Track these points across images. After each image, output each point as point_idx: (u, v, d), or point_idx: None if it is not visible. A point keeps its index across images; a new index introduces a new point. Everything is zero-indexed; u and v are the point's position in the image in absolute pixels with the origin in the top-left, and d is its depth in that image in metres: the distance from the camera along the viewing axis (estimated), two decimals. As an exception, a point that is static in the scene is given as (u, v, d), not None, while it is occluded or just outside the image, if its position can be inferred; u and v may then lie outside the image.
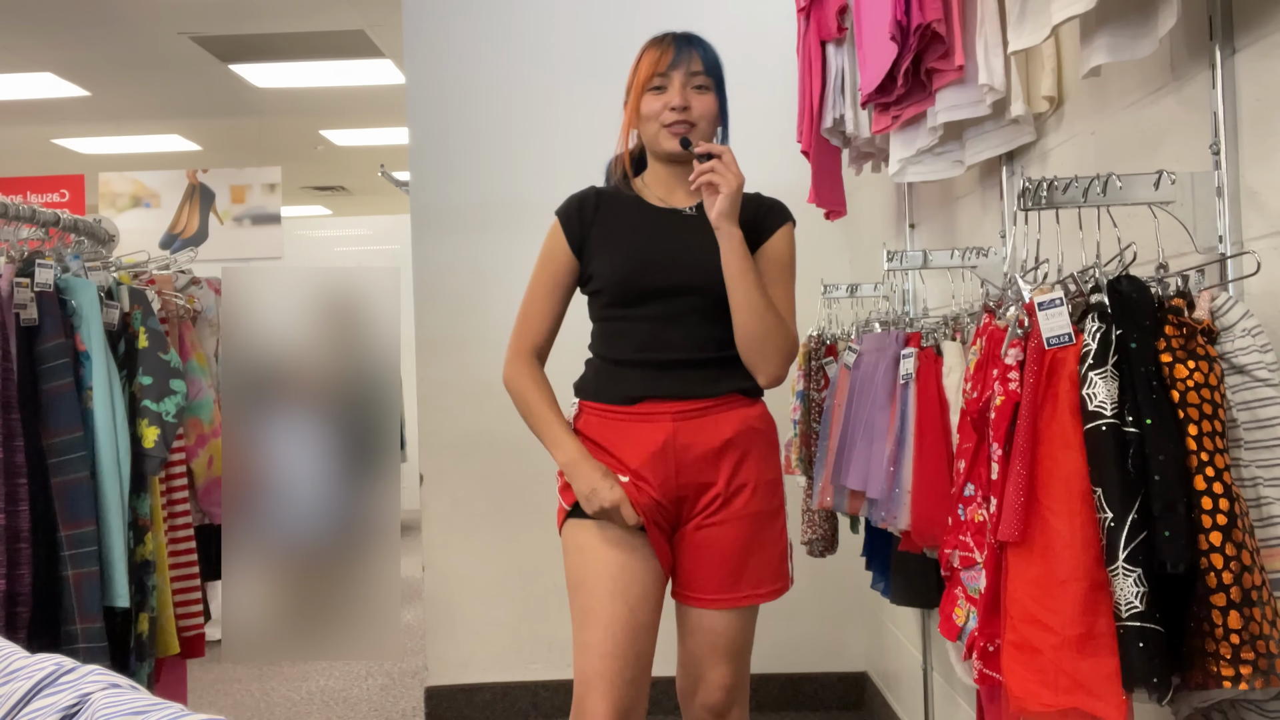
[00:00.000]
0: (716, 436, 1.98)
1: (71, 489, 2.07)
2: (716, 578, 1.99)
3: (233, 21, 5.72)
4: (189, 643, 2.44)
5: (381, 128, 8.12)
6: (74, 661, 0.69)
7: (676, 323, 2.00)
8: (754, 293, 1.95)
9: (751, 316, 1.95)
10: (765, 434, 2.05)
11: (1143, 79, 1.63)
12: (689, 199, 2.08)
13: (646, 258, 2.02)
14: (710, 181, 1.92)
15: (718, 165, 1.93)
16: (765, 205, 2.10)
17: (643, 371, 2.00)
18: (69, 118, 7.55)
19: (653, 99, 2.03)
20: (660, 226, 2.06)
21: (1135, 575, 1.19)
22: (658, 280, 2.00)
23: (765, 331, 1.96)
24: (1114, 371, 1.25)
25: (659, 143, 2.04)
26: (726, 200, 1.92)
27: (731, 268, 1.95)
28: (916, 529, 1.97)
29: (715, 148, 1.96)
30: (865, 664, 3.73)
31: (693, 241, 2.02)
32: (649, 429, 1.98)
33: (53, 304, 2.10)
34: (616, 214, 2.08)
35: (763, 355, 1.97)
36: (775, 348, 1.98)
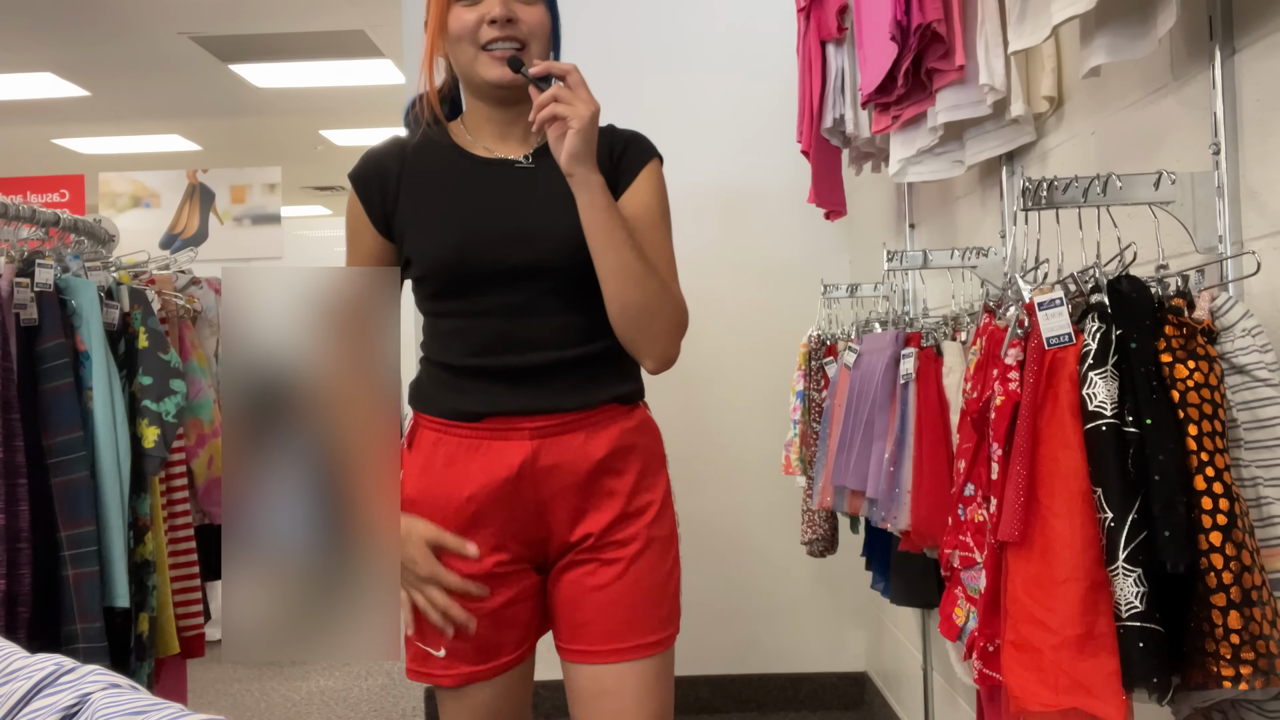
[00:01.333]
0: (588, 456, 1.54)
1: (71, 489, 2.07)
2: (609, 622, 1.54)
3: (233, 21, 5.72)
4: (189, 643, 2.44)
5: (381, 128, 8.11)
6: (74, 661, 0.69)
7: (528, 313, 1.53)
8: (627, 254, 1.48)
9: (628, 285, 1.48)
10: (649, 447, 1.61)
11: (1143, 79, 1.63)
12: (524, 145, 1.60)
13: (474, 230, 1.52)
14: (555, 114, 1.44)
15: (562, 92, 1.44)
16: (621, 141, 1.61)
17: (488, 383, 1.54)
18: (69, 118, 7.55)
19: (463, 11, 1.52)
20: (490, 185, 1.56)
21: (1135, 575, 1.19)
22: (493, 259, 1.51)
23: (647, 302, 1.50)
24: (1114, 371, 1.25)
25: (477, 70, 1.53)
26: (578, 137, 1.43)
27: (596, 226, 1.47)
28: (916, 529, 1.97)
29: (558, 66, 1.47)
30: (865, 664, 3.73)
31: (535, 202, 1.54)
32: (499, 449, 1.52)
33: (53, 304, 2.10)
34: (429, 173, 1.58)
35: (648, 334, 1.52)
36: (664, 321, 1.52)
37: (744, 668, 3.73)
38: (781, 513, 3.61)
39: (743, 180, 3.72)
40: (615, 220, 1.48)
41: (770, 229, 3.73)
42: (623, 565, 1.55)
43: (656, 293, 1.51)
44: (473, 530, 1.54)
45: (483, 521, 1.54)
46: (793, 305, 3.57)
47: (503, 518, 1.54)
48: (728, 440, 3.70)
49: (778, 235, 3.72)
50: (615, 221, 1.48)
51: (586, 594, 1.56)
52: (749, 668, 3.73)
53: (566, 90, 1.45)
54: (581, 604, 1.56)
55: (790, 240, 3.71)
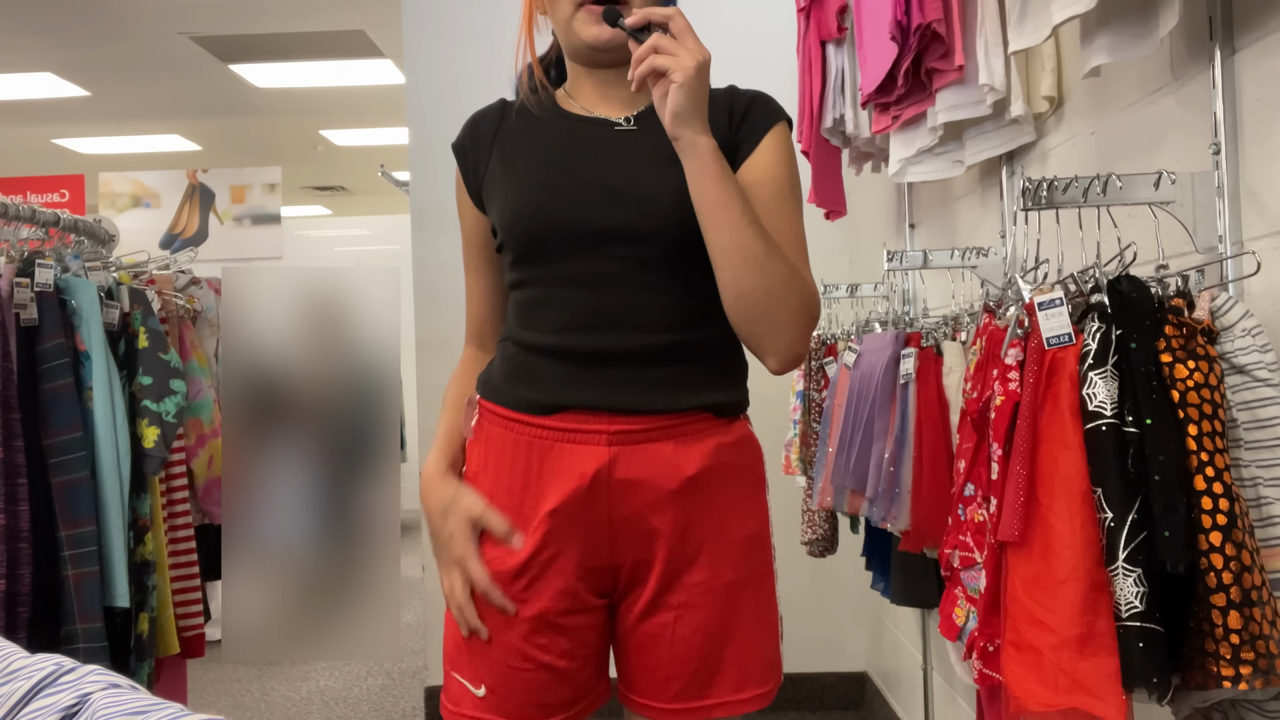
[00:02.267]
0: (675, 473, 1.31)
1: (71, 489, 2.07)
2: (677, 679, 1.32)
3: (233, 21, 5.72)
4: (189, 643, 2.44)
5: (381, 128, 8.12)
6: (74, 661, 0.69)
7: (616, 287, 1.31)
8: (745, 232, 1.24)
9: (746, 269, 1.25)
10: (748, 469, 1.39)
11: (1143, 79, 1.63)
12: (629, 107, 1.40)
13: (561, 187, 1.32)
14: (655, 67, 1.23)
15: (663, 41, 1.23)
16: (743, 101, 1.40)
17: (565, 366, 1.31)
18: (69, 118, 7.55)
19: None
20: (584, 144, 1.36)
21: (1135, 575, 1.19)
22: (575, 220, 1.30)
23: (770, 288, 1.26)
24: (1114, 371, 1.25)
25: (575, 29, 1.35)
26: (682, 92, 1.22)
27: (707, 198, 1.25)
28: (916, 529, 1.97)
29: (658, 12, 1.26)
30: (865, 664, 3.73)
31: (634, 162, 1.34)
32: (572, 454, 1.30)
33: (53, 304, 2.10)
34: (522, 134, 1.40)
35: (771, 325, 1.27)
36: (789, 311, 1.27)
37: (744, 668, 3.73)
38: (781, 513, 3.60)
39: (743, 180, 3.72)
40: (731, 192, 1.25)
41: (770, 229, 3.72)
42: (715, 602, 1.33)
43: (782, 278, 1.26)
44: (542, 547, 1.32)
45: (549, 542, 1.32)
46: (793, 305, 3.56)
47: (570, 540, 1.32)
48: (728, 440, 3.70)
49: (778, 235, 3.72)
50: (731, 194, 1.25)
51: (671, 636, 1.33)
52: (749, 668, 3.73)
53: (669, 39, 1.24)
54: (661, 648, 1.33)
55: (790, 240, 3.71)
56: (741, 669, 1.34)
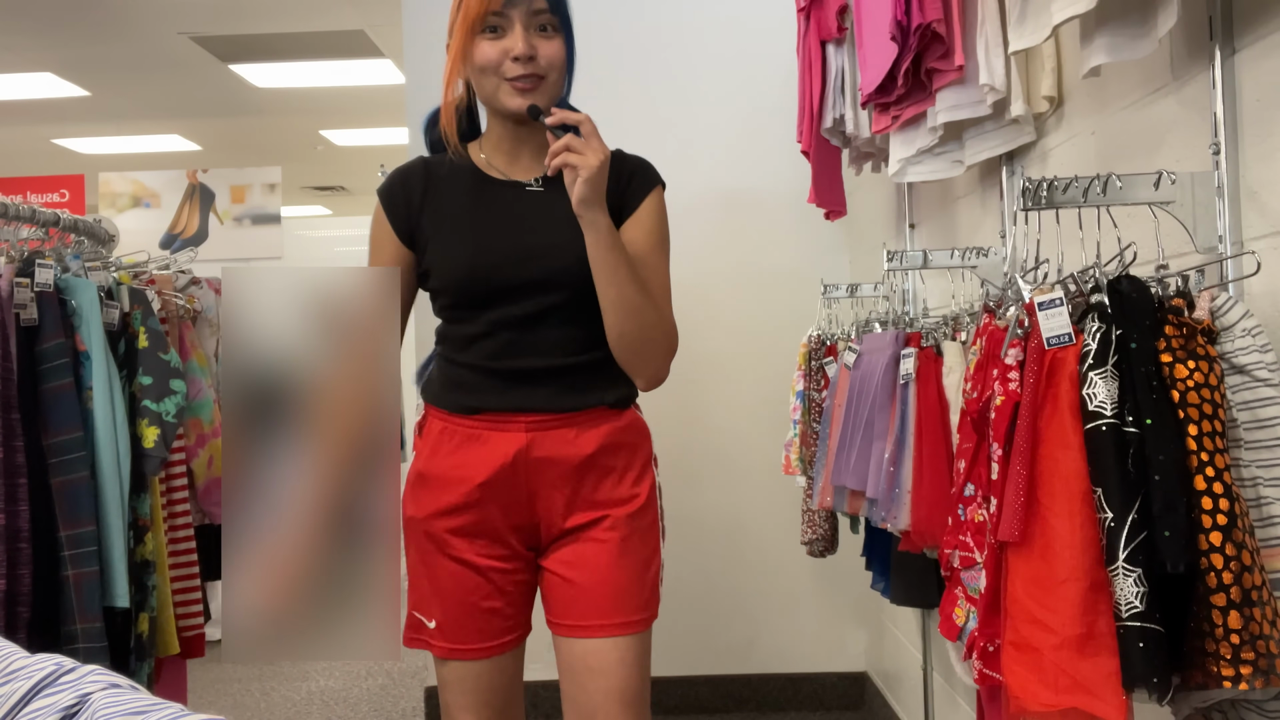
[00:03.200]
0: (578, 451, 1.70)
1: (71, 489, 2.07)
2: (596, 600, 1.70)
3: (233, 21, 5.73)
4: (189, 643, 2.44)
5: (381, 128, 8.12)
6: (74, 661, 0.69)
7: (534, 325, 1.69)
8: (628, 289, 1.65)
9: (627, 317, 1.66)
10: (636, 445, 1.76)
11: (1143, 79, 1.63)
12: (535, 164, 1.76)
13: (491, 249, 1.69)
14: (567, 163, 1.59)
15: (574, 142, 1.59)
16: (628, 169, 1.75)
17: (491, 381, 1.70)
18: (69, 118, 7.56)
19: (488, 45, 1.66)
20: (504, 208, 1.72)
21: (1135, 575, 1.19)
22: (507, 277, 1.68)
23: (642, 332, 1.67)
24: (1114, 371, 1.25)
25: (500, 100, 1.68)
26: (588, 186, 1.59)
27: (601, 263, 1.63)
28: (916, 529, 1.97)
29: (572, 116, 1.62)
30: (865, 664, 3.73)
31: (545, 226, 1.70)
32: (498, 439, 1.69)
33: (53, 304, 2.10)
34: (451, 193, 1.74)
35: (642, 358, 1.70)
36: (656, 348, 1.70)
37: (744, 668, 3.73)
38: (781, 513, 3.61)
39: (743, 180, 3.73)
40: (619, 258, 1.64)
41: (770, 229, 3.73)
42: (610, 548, 1.71)
43: (652, 324, 1.69)
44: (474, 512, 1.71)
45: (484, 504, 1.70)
46: (793, 305, 3.57)
47: (500, 504, 1.70)
48: (728, 440, 3.70)
49: (778, 235, 3.72)
50: (619, 259, 1.64)
51: (577, 573, 1.71)
52: (749, 668, 3.73)
53: (579, 140, 1.59)
54: (572, 582, 1.71)
55: (790, 240, 3.71)
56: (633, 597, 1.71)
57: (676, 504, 3.72)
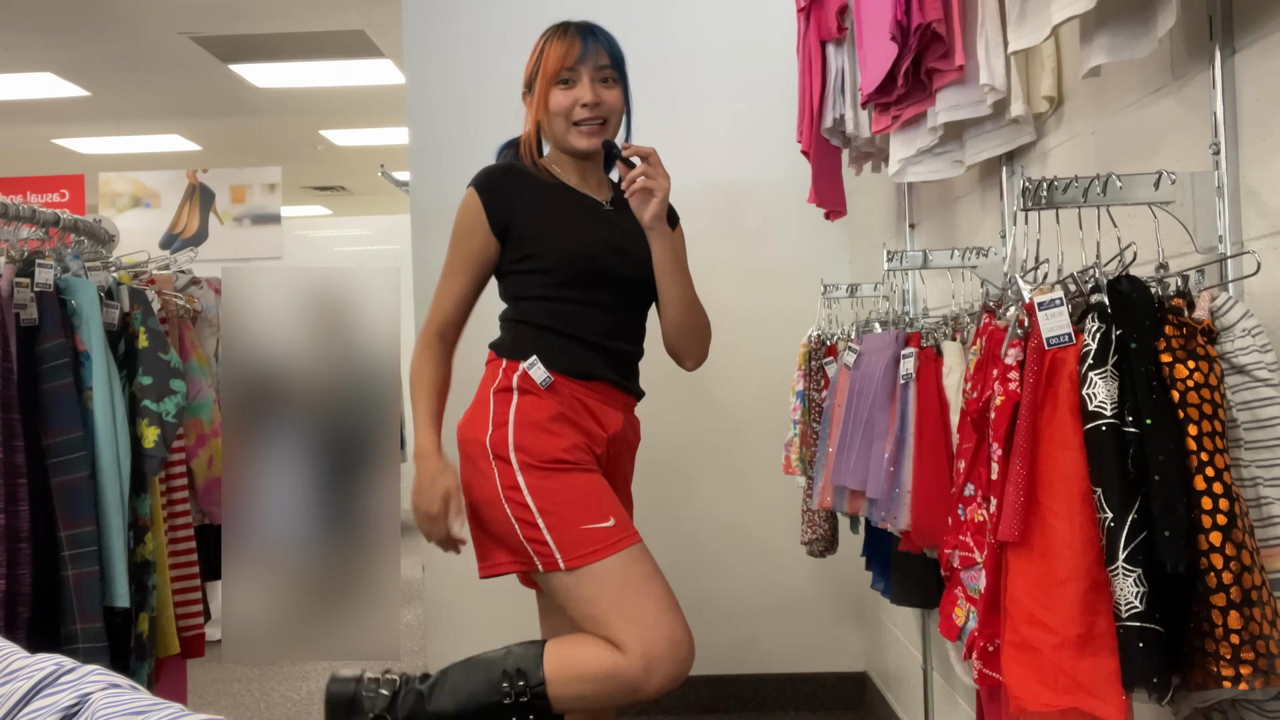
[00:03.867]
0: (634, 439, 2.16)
1: (71, 489, 2.07)
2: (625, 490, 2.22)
3: (233, 21, 5.73)
4: (189, 643, 2.44)
5: (381, 128, 8.12)
6: (74, 661, 0.69)
7: (619, 312, 2.07)
8: (688, 286, 2.10)
9: (689, 310, 2.10)
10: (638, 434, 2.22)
11: (1143, 79, 1.63)
12: (601, 187, 2.15)
13: (602, 241, 2.05)
14: (645, 188, 1.99)
15: (649, 169, 1.99)
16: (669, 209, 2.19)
17: (602, 355, 2.04)
18: (69, 118, 7.56)
19: (561, 94, 2.03)
20: (597, 214, 2.10)
21: (1135, 575, 1.19)
22: (614, 266, 2.04)
23: (697, 321, 2.12)
24: (1114, 371, 1.25)
25: (569, 140, 2.06)
26: (662, 205, 2.01)
27: (668, 265, 2.06)
28: (916, 529, 1.97)
29: (643, 149, 2.01)
30: (865, 664, 3.73)
31: (626, 233, 2.08)
32: (610, 413, 2.06)
33: (53, 304, 2.10)
34: (546, 194, 2.08)
35: (698, 342, 2.14)
36: (706, 334, 2.17)
37: (744, 668, 3.73)
38: (781, 513, 3.61)
39: (743, 180, 3.72)
40: (682, 263, 2.10)
41: (770, 229, 3.73)
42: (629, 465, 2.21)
43: (703, 313, 2.15)
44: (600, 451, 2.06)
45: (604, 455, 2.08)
46: (793, 305, 3.57)
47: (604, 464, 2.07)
48: (728, 440, 3.70)
49: (778, 235, 3.72)
50: (682, 264, 2.10)
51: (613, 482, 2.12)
52: (749, 668, 3.73)
53: (650, 168, 2.00)
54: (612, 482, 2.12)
55: (790, 240, 3.71)
56: None
57: (677, 504, 3.73)
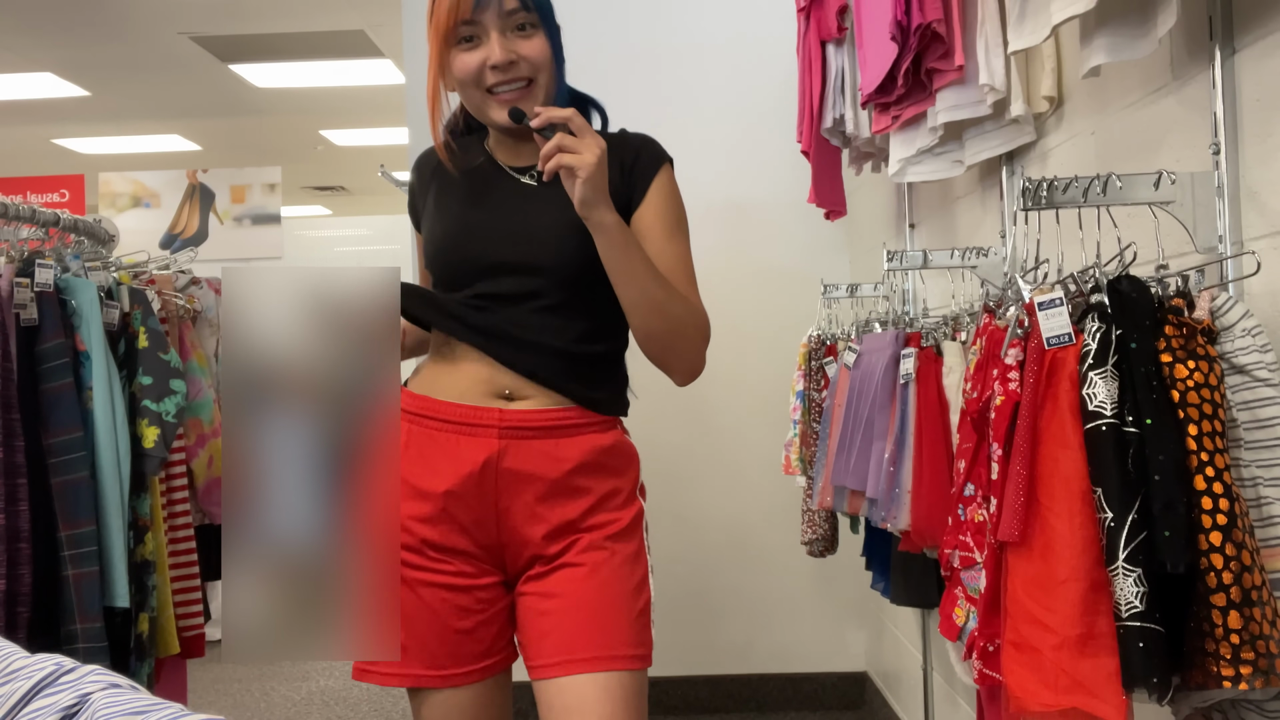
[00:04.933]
0: (558, 465, 1.53)
1: (71, 489, 2.07)
2: (576, 634, 1.48)
3: (233, 21, 5.72)
4: (189, 643, 2.44)
5: (381, 128, 8.12)
6: (74, 661, 0.69)
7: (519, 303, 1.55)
8: (648, 285, 1.51)
9: (651, 315, 1.52)
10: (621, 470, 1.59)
11: (1143, 79, 1.63)
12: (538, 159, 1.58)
13: (469, 225, 1.59)
14: (561, 164, 1.45)
15: (566, 140, 1.45)
16: (631, 150, 1.61)
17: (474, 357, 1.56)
18: (69, 118, 7.55)
19: (465, 56, 1.54)
20: (496, 190, 1.62)
21: (1135, 575, 1.19)
22: (485, 253, 1.56)
23: (670, 327, 1.54)
24: (1114, 371, 1.25)
25: (487, 114, 1.57)
26: (588, 185, 1.45)
27: (615, 264, 1.50)
28: (916, 529, 1.97)
29: (558, 114, 1.47)
30: (865, 664, 3.73)
31: (536, 212, 1.58)
32: (466, 443, 1.52)
33: (53, 304, 2.10)
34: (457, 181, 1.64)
35: (676, 353, 1.56)
36: (688, 342, 1.56)
37: (744, 668, 3.73)
38: (781, 513, 3.61)
39: (743, 180, 3.73)
40: (634, 257, 1.51)
41: (770, 229, 3.73)
42: (586, 570, 1.51)
43: (679, 316, 1.55)
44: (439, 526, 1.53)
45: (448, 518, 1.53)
46: (793, 305, 3.57)
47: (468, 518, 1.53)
48: (728, 440, 3.70)
49: (778, 235, 3.72)
50: (634, 258, 1.50)
51: (548, 601, 1.51)
52: (749, 668, 3.73)
53: (570, 138, 1.45)
54: (544, 614, 1.51)
55: (790, 240, 3.71)
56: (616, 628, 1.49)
57: (677, 504, 3.72)
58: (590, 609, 1.49)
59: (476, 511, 1.52)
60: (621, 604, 1.51)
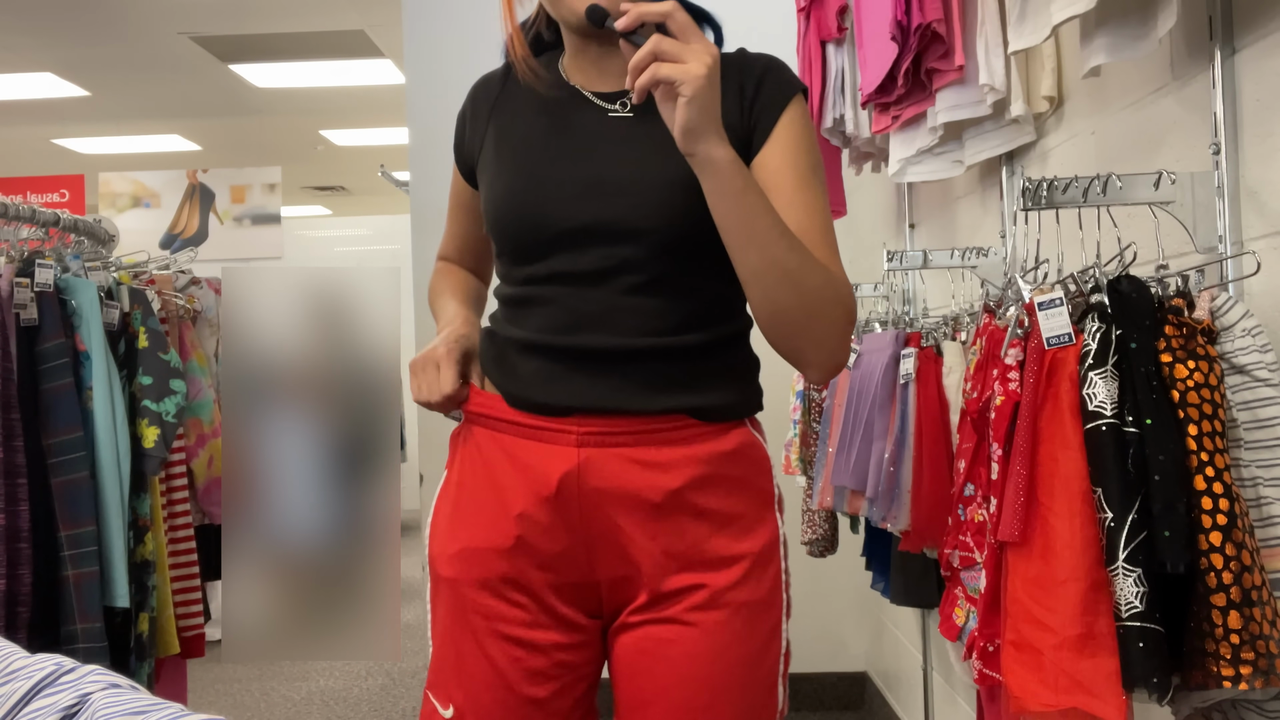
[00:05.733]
0: (656, 483, 1.19)
1: (71, 489, 2.07)
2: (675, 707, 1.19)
3: (233, 21, 5.72)
4: (189, 643, 2.44)
5: (381, 128, 8.12)
6: (74, 661, 0.69)
7: (601, 286, 1.20)
8: (776, 248, 1.13)
9: (780, 287, 1.14)
10: (747, 480, 1.25)
11: (1143, 79, 1.63)
12: None
13: (536, 180, 1.22)
14: (660, 78, 1.07)
15: (665, 45, 1.06)
16: (753, 76, 1.24)
17: (543, 362, 1.21)
18: (69, 118, 7.55)
19: None
20: (575, 127, 1.25)
21: (1135, 575, 1.19)
22: (559, 215, 1.20)
23: (806, 303, 1.15)
24: (1114, 371, 1.25)
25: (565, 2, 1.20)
26: (694, 107, 1.07)
27: (730, 218, 1.12)
28: (916, 529, 1.97)
29: (652, 8, 1.08)
30: (865, 664, 3.73)
31: (626, 149, 1.22)
32: (541, 455, 1.20)
33: (53, 304, 2.10)
34: (515, 115, 1.28)
35: (812, 339, 1.17)
36: (829, 322, 1.17)
37: (744, 668, 3.73)
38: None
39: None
40: (756, 207, 1.12)
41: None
42: (700, 635, 1.20)
43: (817, 288, 1.15)
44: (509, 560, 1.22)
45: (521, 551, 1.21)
46: (793, 305, 3.56)
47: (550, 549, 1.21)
48: (728, 440, 3.70)
49: (778, 235, 3.72)
50: (756, 208, 1.12)
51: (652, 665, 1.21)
52: (749, 668, 3.73)
53: (670, 41, 1.07)
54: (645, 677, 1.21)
55: (790, 240, 3.71)
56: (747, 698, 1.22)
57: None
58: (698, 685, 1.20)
59: (560, 542, 1.21)
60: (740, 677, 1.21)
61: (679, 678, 1.20)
